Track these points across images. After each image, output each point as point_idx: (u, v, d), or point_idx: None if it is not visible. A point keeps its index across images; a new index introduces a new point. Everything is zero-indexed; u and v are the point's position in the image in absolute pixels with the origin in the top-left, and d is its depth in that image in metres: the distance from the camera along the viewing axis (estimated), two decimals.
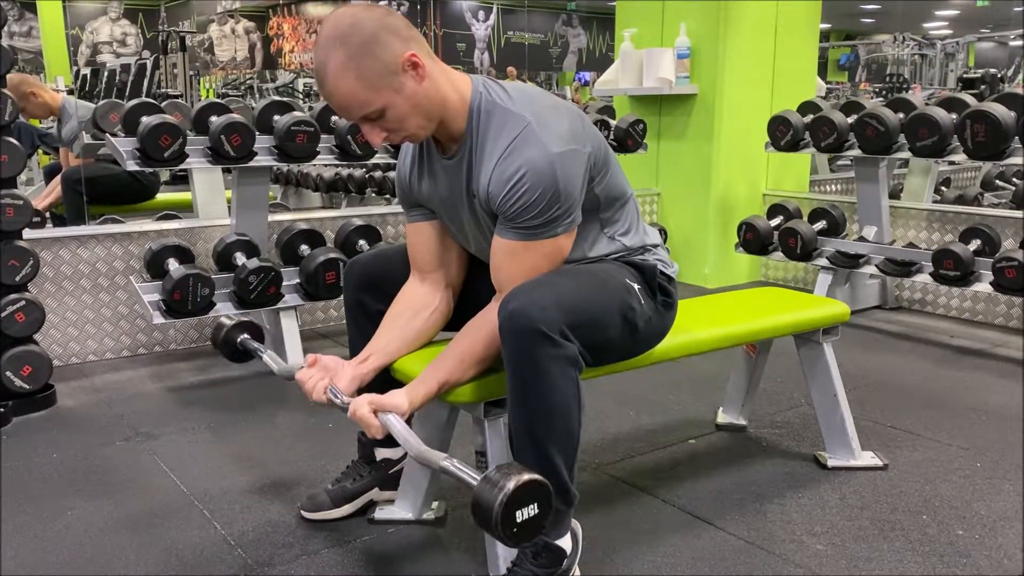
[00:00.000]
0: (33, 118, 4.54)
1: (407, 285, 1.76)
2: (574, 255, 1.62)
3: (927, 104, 3.36)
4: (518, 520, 1.21)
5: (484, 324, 1.56)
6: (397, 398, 1.54)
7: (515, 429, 1.51)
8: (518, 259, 1.54)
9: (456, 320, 1.73)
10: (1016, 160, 2.98)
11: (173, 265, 2.83)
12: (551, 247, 1.54)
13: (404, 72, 1.47)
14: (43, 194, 4.30)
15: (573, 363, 1.47)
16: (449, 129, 1.57)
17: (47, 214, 4.23)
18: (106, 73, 8.68)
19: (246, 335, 1.95)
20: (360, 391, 1.63)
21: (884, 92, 9.56)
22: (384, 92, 1.46)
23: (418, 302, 1.74)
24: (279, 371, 1.79)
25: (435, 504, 1.97)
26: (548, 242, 1.53)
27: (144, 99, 2.86)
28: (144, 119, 2.68)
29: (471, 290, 1.78)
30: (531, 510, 1.22)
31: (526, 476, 1.21)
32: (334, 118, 3.03)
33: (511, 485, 1.19)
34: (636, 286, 1.65)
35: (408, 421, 1.53)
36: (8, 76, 2.52)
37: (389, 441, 1.75)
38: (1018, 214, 3.49)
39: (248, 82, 11.90)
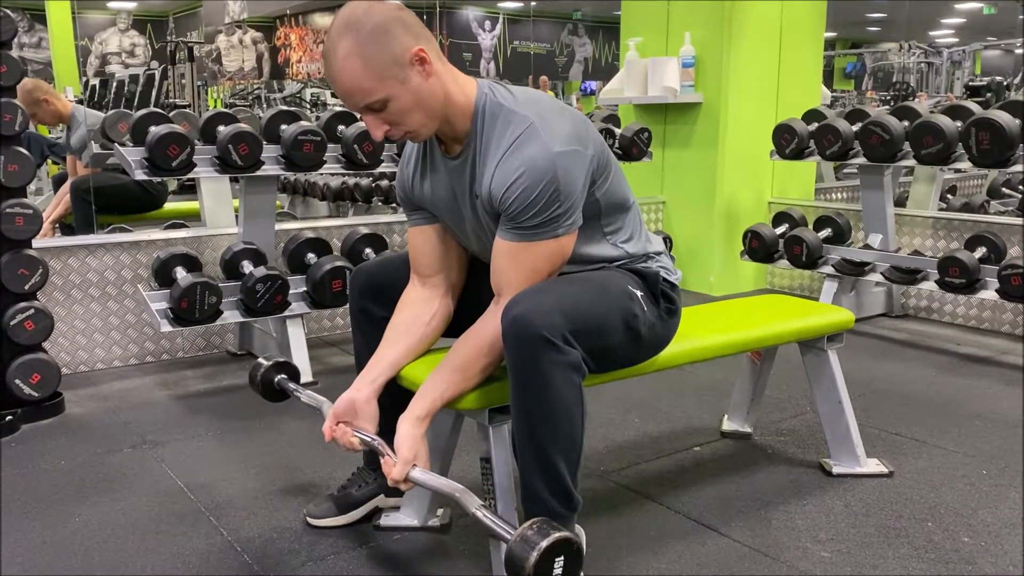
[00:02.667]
0: (43, 124, 4.57)
1: (407, 290, 1.77)
2: (576, 262, 1.63)
3: (932, 112, 3.36)
4: None
5: (483, 331, 1.57)
6: (411, 450, 1.54)
7: (519, 435, 1.51)
8: (518, 260, 1.54)
9: (456, 324, 1.74)
10: (1021, 167, 2.98)
11: (181, 273, 2.85)
12: (551, 248, 1.54)
13: (411, 66, 1.48)
14: (52, 205, 4.32)
15: (576, 369, 1.48)
16: (454, 129, 1.58)
17: (56, 226, 4.25)
18: (115, 83, 8.74)
19: (283, 375, 1.96)
20: None
21: (890, 100, 9.57)
22: (388, 83, 1.47)
23: (419, 309, 1.74)
24: (319, 407, 1.80)
25: (440, 511, 1.97)
26: (549, 243, 1.54)
27: (152, 109, 2.88)
28: (152, 129, 2.70)
29: (472, 294, 1.79)
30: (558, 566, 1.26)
31: (556, 535, 1.26)
32: (341, 127, 3.05)
33: (544, 543, 1.24)
34: (639, 293, 1.65)
35: None
36: (22, 81, 2.54)
37: None
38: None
39: (256, 92, 11.96)
